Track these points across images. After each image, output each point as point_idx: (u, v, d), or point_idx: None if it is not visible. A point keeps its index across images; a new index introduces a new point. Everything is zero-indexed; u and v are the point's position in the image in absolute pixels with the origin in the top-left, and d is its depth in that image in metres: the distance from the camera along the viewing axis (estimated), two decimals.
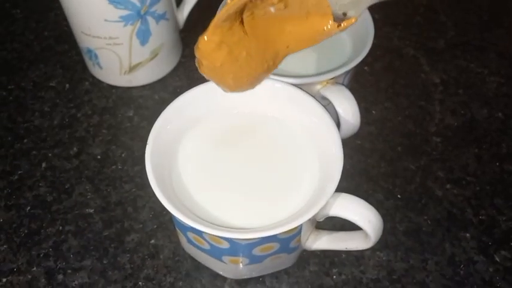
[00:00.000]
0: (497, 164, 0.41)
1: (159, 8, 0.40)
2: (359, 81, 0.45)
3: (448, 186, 0.39)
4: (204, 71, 0.28)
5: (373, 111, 0.44)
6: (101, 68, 0.44)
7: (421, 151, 0.41)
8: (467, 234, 0.37)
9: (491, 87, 0.46)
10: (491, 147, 0.42)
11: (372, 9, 0.37)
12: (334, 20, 0.24)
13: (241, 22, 0.26)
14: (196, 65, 0.28)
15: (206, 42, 0.26)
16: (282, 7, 0.25)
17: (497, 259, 0.36)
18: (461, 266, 0.35)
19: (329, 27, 0.25)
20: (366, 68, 0.47)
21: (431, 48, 0.49)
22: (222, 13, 0.24)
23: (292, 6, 0.25)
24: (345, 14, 0.24)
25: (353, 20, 0.24)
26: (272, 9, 0.25)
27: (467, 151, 0.42)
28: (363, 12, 0.37)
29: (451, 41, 0.50)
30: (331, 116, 0.31)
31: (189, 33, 0.49)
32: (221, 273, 0.34)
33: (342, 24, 0.24)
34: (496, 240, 0.37)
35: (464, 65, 0.48)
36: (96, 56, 0.42)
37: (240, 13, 0.25)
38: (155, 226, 0.37)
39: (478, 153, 0.41)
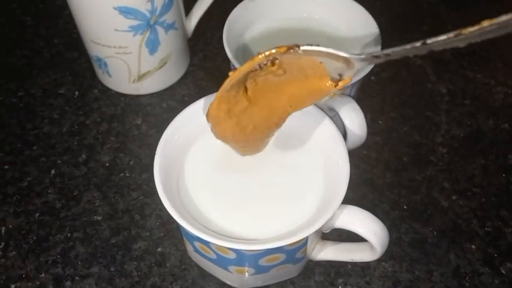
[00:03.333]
0: (504, 175, 0.41)
1: (168, 18, 0.40)
2: (366, 91, 0.46)
3: (453, 197, 0.39)
4: (218, 137, 0.29)
5: (380, 121, 0.44)
6: (110, 76, 0.44)
7: (427, 161, 0.41)
8: (473, 246, 0.37)
9: (497, 98, 0.46)
10: (497, 158, 0.42)
11: (378, 19, 0.37)
12: (331, 81, 0.26)
13: (245, 90, 0.27)
14: (211, 131, 0.29)
15: (216, 110, 0.27)
16: (282, 73, 0.26)
17: (503, 271, 0.36)
18: (467, 277, 0.35)
19: (327, 87, 0.26)
20: (372, 77, 0.47)
21: (438, 59, 0.49)
22: (226, 84, 0.25)
23: (290, 72, 0.26)
24: (340, 75, 0.26)
25: (348, 80, 0.26)
26: (272, 76, 0.26)
27: (473, 162, 0.42)
28: (370, 23, 0.38)
29: (458, 51, 0.50)
30: (338, 127, 0.31)
31: (197, 42, 0.49)
32: (227, 282, 0.34)
33: (339, 84, 0.26)
34: (502, 252, 0.37)
35: (471, 75, 0.48)
36: (105, 64, 0.43)
37: (243, 82, 0.26)
38: (162, 234, 0.37)
39: (484, 164, 0.41)
